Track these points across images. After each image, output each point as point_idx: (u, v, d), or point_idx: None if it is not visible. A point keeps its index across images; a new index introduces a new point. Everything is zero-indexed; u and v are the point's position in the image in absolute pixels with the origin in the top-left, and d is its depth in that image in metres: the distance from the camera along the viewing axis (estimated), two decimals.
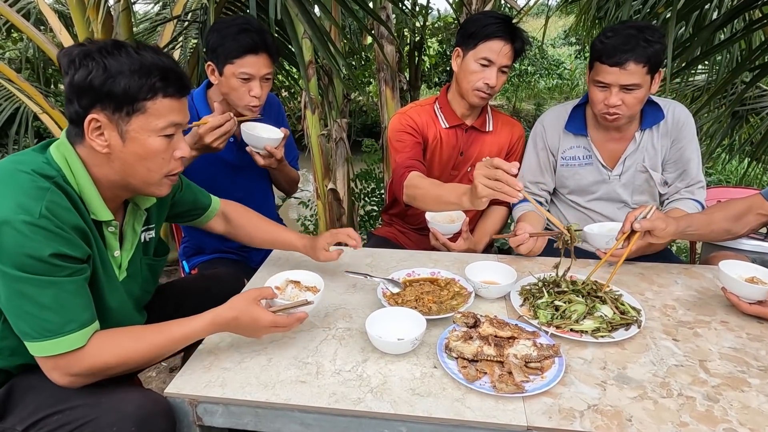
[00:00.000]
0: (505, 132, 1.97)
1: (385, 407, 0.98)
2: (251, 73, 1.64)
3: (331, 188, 2.80)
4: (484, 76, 1.77)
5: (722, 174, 6.61)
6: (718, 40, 2.99)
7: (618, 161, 1.77)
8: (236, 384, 1.05)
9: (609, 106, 1.60)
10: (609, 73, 1.56)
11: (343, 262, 1.60)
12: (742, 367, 1.11)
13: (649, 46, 1.52)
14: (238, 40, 1.61)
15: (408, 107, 2.01)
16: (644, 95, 1.59)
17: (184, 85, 1.08)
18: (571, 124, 1.80)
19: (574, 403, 0.99)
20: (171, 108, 1.06)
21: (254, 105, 1.69)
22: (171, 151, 1.10)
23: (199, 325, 1.09)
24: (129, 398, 0.99)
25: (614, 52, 1.53)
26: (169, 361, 2.26)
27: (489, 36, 1.73)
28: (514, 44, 1.76)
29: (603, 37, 1.58)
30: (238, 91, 1.66)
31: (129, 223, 1.20)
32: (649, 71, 1.55)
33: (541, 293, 1.34)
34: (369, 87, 6.24)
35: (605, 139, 1.77)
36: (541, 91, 11.38)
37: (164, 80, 1.04)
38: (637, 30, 1.53)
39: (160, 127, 1.05)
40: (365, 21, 3.14)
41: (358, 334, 1.22)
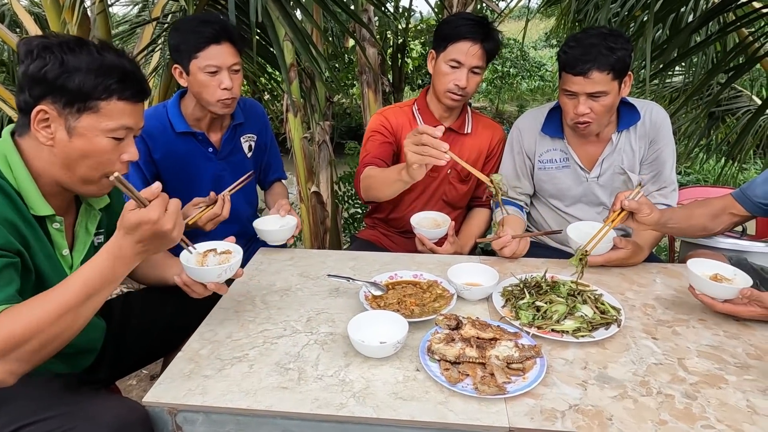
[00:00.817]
0: (484, 135, 1.97)
1: (369, 412, 0.97)
2: (217, 64, 1.60)
3: (314, 191, 2.79)
4: (455, 77, 1.77)
5: (700, 173, 6.74)
6: (694, 43, 3.05)
7: (595, 163, 1.78)
8: (217, 391, 1.03)
9: (578, 114, 1.61)
10: (574, 82, 1.57)
11: (325, 266, 1.59)
12: (720, 364, 1.13)
13: (612, 54, 1.52)
14: (199, 32, 1.58)
15: (387, 107, 2.02)
16: (612, 101, 1.61)
17: (141, 90, 1.08)
18: (547, 127, 1.81)
19: (556, 404, 1.00)
20: (124, 111, 1.05)
21: (227, 98, 1.65)
22: (118, 153, 1.09)
23: (99, 258, 0.99)
24: (105, 407, 0.97)
25: (576, 62, 1.54)
26: (150, 369, 2.23)
27: (458, 37, 1.74)
28: (485, 45, 1.75)
29: (566, 47, 1.59)
30: (208, 87, 1.63)
31: (82, 223, 1.18)
32: (614, 77, 1.56)
33: (523, 294, 1.35)
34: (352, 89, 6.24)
35: (582, 141, 1.79)
36: (523, 93, 11.50)
37: (122, 83, 1.03)
38: (600, 37, 1.54)
39: (110, 128, 1.04)
40: (347, 23, 3.14)
41: (340, 339, 1.21)
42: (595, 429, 0.93)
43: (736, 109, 3.97)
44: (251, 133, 1.91)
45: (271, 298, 1.41)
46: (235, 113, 1.84)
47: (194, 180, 1.80)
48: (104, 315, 1.38)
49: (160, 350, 1.44)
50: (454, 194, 2.00)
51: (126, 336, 1.38)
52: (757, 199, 1.50)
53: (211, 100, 1.64)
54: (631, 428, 0.94)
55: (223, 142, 1.82)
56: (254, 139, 1.92)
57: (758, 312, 1.22)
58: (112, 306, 1.42)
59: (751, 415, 0.97)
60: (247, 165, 1.92)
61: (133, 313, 1.40)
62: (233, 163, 1.87)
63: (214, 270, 1.19)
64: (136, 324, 1.39)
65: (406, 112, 1.97)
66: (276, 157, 2.07)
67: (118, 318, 1.39)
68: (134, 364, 1.44)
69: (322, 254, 1.71)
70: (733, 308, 1.26)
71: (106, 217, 1.26)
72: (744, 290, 1.23)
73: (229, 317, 1.31)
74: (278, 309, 1.35)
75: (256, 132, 1.92)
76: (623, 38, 1.56)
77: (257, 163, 1.99)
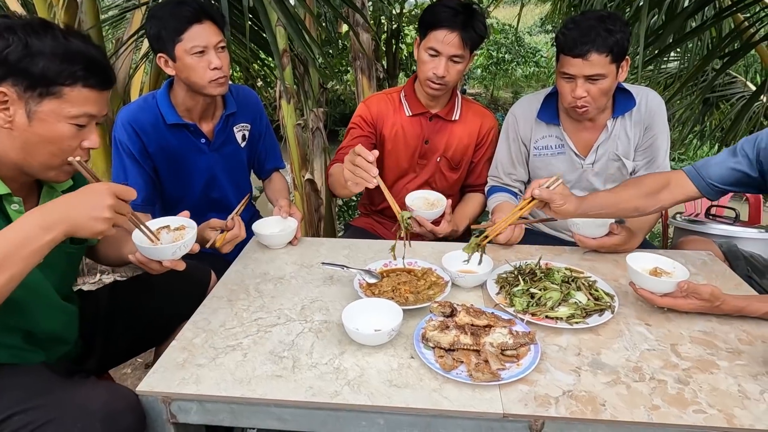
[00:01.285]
0: (474, 122, 1.95)
1: (363, 399, 0.98)
2: (203, 44, 1.56)
3: (308, 179, 2.77)
4: (433, 66, 1.75)
5: (694, 159, 6.76)
6: (690, 28, 3.03)
7: (591, 150, 1.78)
8: (211, 380, 1.03)
9: (576, 98, 1.60)
10: (572, 64, 1.56)
11: (319, 254, 1.58)
12: (712, 350, 1.13)
13: (611, 36, 1.51)
14: (177, 14, 1.54)
15: (374, 95, 2.02)
16: (610, 85, 1.60)
17: (107, 79, 1.06)
18: (543, 114, 1.80)
19: (550, 390, 1.00)
20: (88, 99, 1.04)
21: (219, 78, 1.61)
22: (79, 140, 1.07)
23: (25, 217, 0.93)
24: (94, 395, 0.97)
25: (575, 44, 1.53)
26: (145, 357, 2.23)
27: (436, 25, 1.71)
28: (464, 33, 1.70)
29: (565, 29, 1.57)
30: (197, 69, 1.58)
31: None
32: (612, 60, 1.55)
33: (517, 281, 1.35)
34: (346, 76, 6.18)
35: (577, 128, 1.78)
36: (518, 79, 11.43)
37: (87, 70, 1.01)
38: (598, 20, 1.53)
39: (73, 114, 1.03)
40: (340, 8, 3.10)
41: (335, 327, 1.21)
42: (588, 415, 0.94)
43: (730, 95, 3.97)
44: (245, 122, 1.87)
45: (264, 286, 1.40)
46: (227, 102, 1.80)
47: (187, 173, 1.77)
48: (91, 304, 1.37)
49: (152, 339, 1.44)
50: (444, 182, 1.99)
51: (115, 325, 1.37)
52: (710, 180, 1.44)
53: (203, 82, 1.60)
54: (623, 414, 0.94)
55: (216, 132, 1.79)
56: (248, 129, 1.89)
57: (697, 304, 1.23)
58: (99, 295, 1.41)
59: (742, 400, 0.98)
60: (241, 155, 1.90)
61: (121, 301, 1.39)
62: (226, 154, 1.84)
63: (168, 248, 1.16)
64: (125, 312, 1.38)
65: (393, 99, 1.95)
66: (273, 146, 2.04)
67: (106, 307, 1.38)
68: (125, 353, 1.43)
69: (316, 242, 1.70)
70: (673, 302, 1.24)
71: None
72: (681, 283, 1.22)
73: (222, 306, 1.30)
74: (272, 297, 1.34)
75: (249, 121, 1.89)
76: (621, 21, 1.55)
77: (252, 153, 1.96)
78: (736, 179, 1.43)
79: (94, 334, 1.34)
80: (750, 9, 2.92)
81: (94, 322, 1.35)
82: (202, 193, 1.84)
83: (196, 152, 1.76)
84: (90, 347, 1.33)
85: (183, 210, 1.79)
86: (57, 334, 1.19)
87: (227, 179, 1.88)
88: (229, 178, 1.89)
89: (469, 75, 10.86)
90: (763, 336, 1.18)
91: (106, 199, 0.97)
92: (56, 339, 1.19)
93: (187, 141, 1.74)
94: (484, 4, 5.65)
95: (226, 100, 1.80)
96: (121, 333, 1.37)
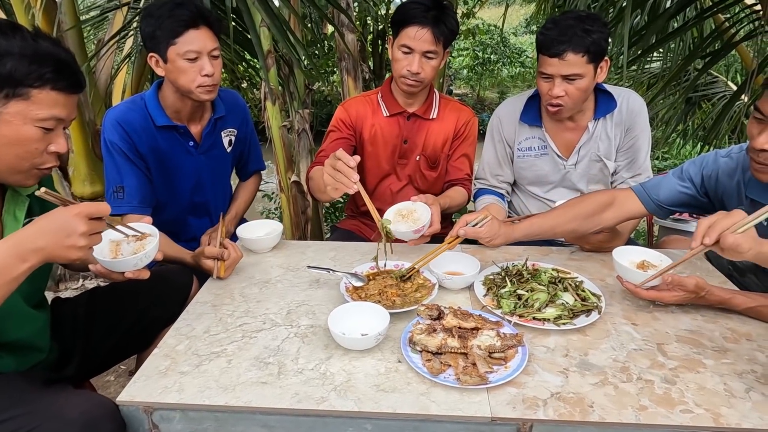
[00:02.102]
0: (450, 118, 1.95)
1: (350, 405, 0.96)
2: (197, 49, 1.54)
3: (294, 181, 2.75)
4: (407, 63, 1.75)
5: (677, 159, 6.84)
6: (672, 28, 3.07)
7: (573, 151, 1.79)
8: (194, 388, 1.01)
9: (552, 96, 1.61)
10: (550, 64, 1.57)
11: (305, 257, 1.56)
12: (698, 348, 1.14)
13: (587, 36, 1.53)
14: (175, 16, 1.52)
15: (352, 98, 2.02)
16: (587, 85, 1.61)
17: (77, 82, 1.04)
18: (525, 115, 1.81)
19: (538, 392, 0.99)
20: (57, 102, 1.01)
21: (208, 84, 1.59)
22: (46, 143, 1.04)
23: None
24: (72, 404, 0.94)
25: (552, 44, 1.55)
26: (128, 364, 2.19)
27: (407, 22, 1.71)
28: (436, 29, 1.70)
29: (544, 29, 1.59)
30: (187, 74, 1.56)
31: (9, 211, 1.12)
32: (590, 60, 1.56)
33: (504, 283, 1.35)
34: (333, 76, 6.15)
35: (559, 129, 1.79)
36: (504, 80, 11.50)
37: (57, 72, 0.99)
38: (577, 20, 1.54)
39: (40, 117, 1.00)
40: (325, 9, 3.08)
41: (321, 331, 1.19)
42: (577, 417, 0.94)
43: (712, 95, 4.03)
44: (232, 128, 1.86)
45: (249, 290, 1.38)
46: (216, 106, 1.78)
47: (175, 175, 1.75)
48: (70, 311, 1.34)
49: (133, 345, 1.41)
50: (425, 182, 1.99)
51: (94, 331, 1.33)
52: (658, 200, 1.47)
53: (191, 86, 1.58)
54: (612, 415, 0.94)
55: (204, 135, 1.77)
56: (234, 134, 1.88)
57: (681, 296, 1.25)
58: (78, 302, 1.37)
59: (729, 399, 0.98)
60: (226, 160, 1.89)
61: (101, 307, 1.36)
62: (213, 157, 1.82)
63: (129, 261, 1.12)
64: (104, 319, 1.35)
65: (371, 101, 1.95)
66: (255, 148, 2.03)
67: (85, 313, 1.34)
68: (105, 360, 1.40)
69: (302, 245, 1.68)
70: (658, 294, 1.25)
71: (38, 204, 1.20)
72: (666, 276, 1.23)
73: (206, 311, 1.28)
74: (257, 302, 1.32)
75: (237, 126, 1.88)
76: (600, 21, 1.56)
77: (236, 156, 1.95)
78: (684, 201, 1.47)
79: (73, 341, 1.31)
80: (730, 10, 2.96)
81: (73, 329, 1.32)
82: (189, 197, 1.82)
83: (184, 154, 1.74)
84: (68, 355, 1.29)
85: (168, 213, 1.77)
86: (27, 343, 1.15)
87: (211, 183, 1.86)
88: (214, 182, 1.87)
89: (455, 75, 10.90)
90: (747, 334, 1.19)
91: (80, 227, 0.94)
92: (26, 347, 1.15)
93: (176, 143, 1.72)
94: (469, 5, 5.67)
95: (214, 103, 1.78)
96: (101, 340, 1.34)
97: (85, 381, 1.38)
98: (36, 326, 1.17)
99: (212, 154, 1.82)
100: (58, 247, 0.93)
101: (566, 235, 1.53)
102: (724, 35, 3.00)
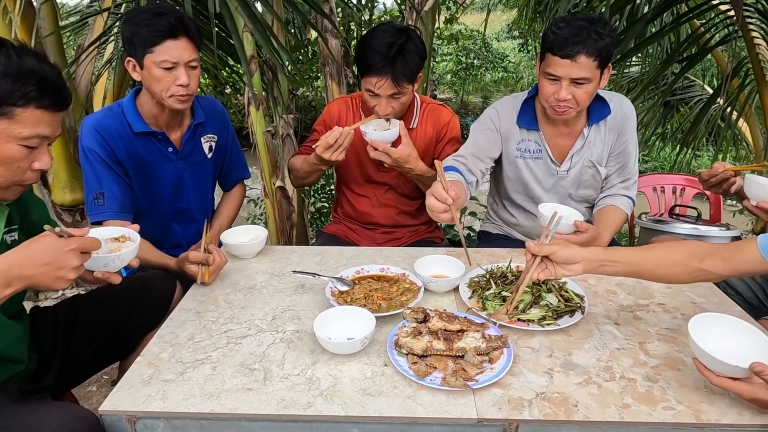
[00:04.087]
0: (429, 122, 1.94)
1: (336, 410, 0.96)
2: (173, 60, 1.52)
3: (279, 186, 2.73)
4: (376, 104, 1.76)
5: (657, 161, 6.97)
6: (650, 33, 3.13)
7: (566, 157, 1.77)
8: (178, 396, 1.00)
9: (559, 100, 1.57)
10: (560, 65, 1.52)
11: (290, 262, 1.56)
12: (679, 346, 1.16)
13: (600, 39, 1.49)
14: (153, 25, 1.49)
15: (339, 98, 2.04)
16: (594, 89, 1.58)
17: (62, 100, 1.03)
18: (522, 119, 1.77)
19: (523, 393, 1.00)
20: (41, 120, 1.00)
21: (181, 95, 1.57)
22: (30, 161, 1.04)
23: None
24: (50, 417, 0.92)
25: (566, 44, 1.49)
26: (110, 373, 2.15)
27: (367, 71, 1.71)
28: (395, 75, 1.68)
29: (555, 27, 1.53)
30: (162, 82, 1.54)
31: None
32: (599, 65, 1.53)
33: (489, 285, 1.36)
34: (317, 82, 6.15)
35: (555, 134, 1.77)
36: (487, 84, 11.60)
37: (41, 91, 0.98)
38: (589, 22, 1.50)
39: (24, 136, 0.99)
40: (308, 14, 3.08)
41: (307, 336, 1.19)
42: (562, 416, 0.95)
43: (689, 99, 4.11)
44: (212, 134, 1.85)
45: (234, 297, 1.37)
46: (195, 112, 1.77)
47: (155, 181, 1.73)
48: (49, 320, 1.31)
49: (115, 353, 1.39)
50: (408, 184, 1.98)
51: (74, 340, 1.31)
52: None
53: (164, 95, 1.57)
54: (596, 414, 0.95)
55: (183, 141, 1.76)
56: (215, 140, 1.86)
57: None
58: (58, 310, 1.35)
59: (708, 395, 1.00)
60: (207, 166, 1.87)
61: (80, 316, 1.34)
62: (193, 163, 1.81)
63: (99, 259, 1.09)
64: (84, 327, 1.33)
65: (355, 104, 1.98)
66: (238, 156, 2.01)
67: (65, 322, 1.32)
68: (86, 369, 1.37)
69: (287, 250, 1.68)
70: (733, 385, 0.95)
71: (17, 212, 1.19)
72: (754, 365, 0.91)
73: (190, 318, 1.27)
74: (242, 308, 1.31)
75: (216, 132, 1.86)
76: (609, 26, 1.53)
77: (217, 164, 1.93)
78: None
79: (52, 350, 1.28)
80: (705, 15, 3.03)
81: (53, 338, 1.29)
82: (169, 203, 1.80)
83: (163, 160, 1.72)
84: (47, 364, 1.27)
85: (150, 219, 1.75)
86: (3, 354, 1.13)
87: (193, 189, 1.84)
88: (195, 188, 1.85)
89: (439, 80, 10.97)
90: None
91: (73, 261, 0.95)
92: (3, 359, 1.13)
93: (154, 149, 1.70)
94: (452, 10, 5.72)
95: (193, 109, 1.77)
96: (81, 348, 1.32)
97: (65, 392, 1.35)
98: (13, 337, 1.15)
99: (192, 160, 1.80)
100: (46, 278, 0.94)
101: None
102: (700, 40, 3.07)
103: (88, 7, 4.43)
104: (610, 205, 1.77)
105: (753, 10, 2.75)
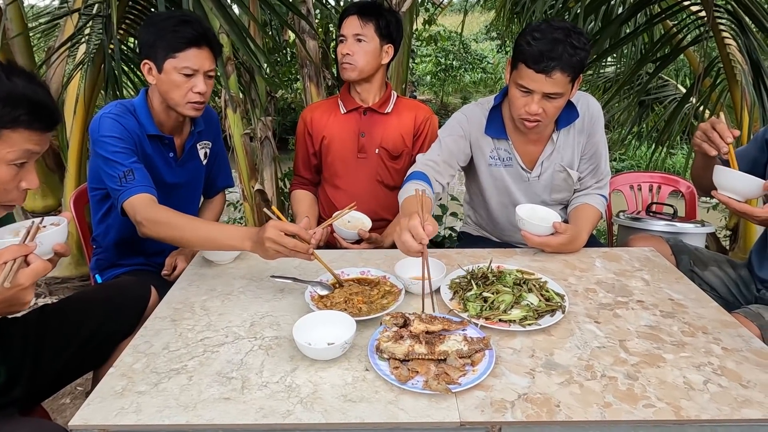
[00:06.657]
0: (407, 114, 2.00)
1: (317, 417, 0.94)
2: (195, 67, 1.54)
3: (258, 189, 2.70)
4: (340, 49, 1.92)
5: (633, 159, 7.09)
6: (624, 34, 3.18)
7: (536, 163, 1.77)
8: (153, 408, 0.97)
9: (530, 113, 1.54)
10: (533, 80, 1.48)
11: (269, 267, 1.53)
12: (658, 343, 1.17)
13: (576, 54, 1.46)
14: (180, 31, 1.52)
15: (310, 105, 2.13)
16: (564, 102, 1.57)
17: (53, 121, 1.01)
18: (490, 128, 1.74)
19: (505, 394, 1.00)
20: (30, 139, 0.98)
21: (197, 102, 1.59)
22: (17, 181, 1.01)
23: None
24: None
25: (541, 58, 1.44)
26: (84, 385, 2.09)
27: (343, 15, 1.93)
28: (361, 14, 1.87)
29: (529, 37, 1.47)
30: (180, 88, 1.56)
31: None
32: (572, 80, 1.51)
33: (470, 286, 1.35)
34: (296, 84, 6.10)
35: (524, 141, 1.75)
36: (467, 85, 11.69)
37: (32, 114, 0.96)
38: (564, 34, 1.45)
39: (11, 158, 0.97)
40: (286, 16, 3.05)
41: (286, 342, 1.16)
42: (544, 417, 0.94)
43: (663, 98, 4.18)
44: (207, 140, 1.86)
45: (211, 303, 1.34)
46: (195, 120, 1.77)
47: (157, 186, 1.70)
48: (18, 330, 1.26)
49: (88, 362, 1.34)
50: (387, 174, 2.02)
51: (44, 349, 1.26)
52: None
53: (181, 101, 1.58)
54: (578, 413, 0.95)
55: (185, 149, 1.76)
56: (209, 147, 1.87)
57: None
58: (27, 319, 1.30)
59: (688, 391, 1.01)
60: (201, 172, 1.87)
61: (51, 326, 1.29)
62: (190, 169, 1.81)
63: (8, 242, 1.03)
64: (55, 336, 1.28)
65: (330, 104, 2.06)
66: (224, 164, 2.01)
67: (34, 333, 1.27)
68: (57, 381, 1.32)
69: None
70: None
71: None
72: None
73: (165, 327, 1.23)
74: (219, 315, 1.28)
75: (211, 139, 1.88)
76: (585, 37, 1.49)
77: (208, 171, 1.93)
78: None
79: (21, 361, 1.23)
80: (678, 16, 3.09)
81: (22, 349, 1.24)
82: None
83: (164, 165, 1.72)
84: (16, 377, 1.22)
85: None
86: None
87: (186, 195, 1.84)
88: (188, 194, 1.85)
89: (418, 81, 11.01)
90: (703, 327, 1.23)
91: (28, 297, 0.96)
92: None
93: (159, 153, 1.70)
94: (431, 12, 5.73)
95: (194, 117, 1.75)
96: (52, 358, 1.27)
97: (36, 405, 1.30)
98: None
99: (189, 167, 1.81)
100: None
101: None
102: (673, 40, 3.13)
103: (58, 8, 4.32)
104: (584, 203, 1.78)
105: (723, 11, 2.81)
